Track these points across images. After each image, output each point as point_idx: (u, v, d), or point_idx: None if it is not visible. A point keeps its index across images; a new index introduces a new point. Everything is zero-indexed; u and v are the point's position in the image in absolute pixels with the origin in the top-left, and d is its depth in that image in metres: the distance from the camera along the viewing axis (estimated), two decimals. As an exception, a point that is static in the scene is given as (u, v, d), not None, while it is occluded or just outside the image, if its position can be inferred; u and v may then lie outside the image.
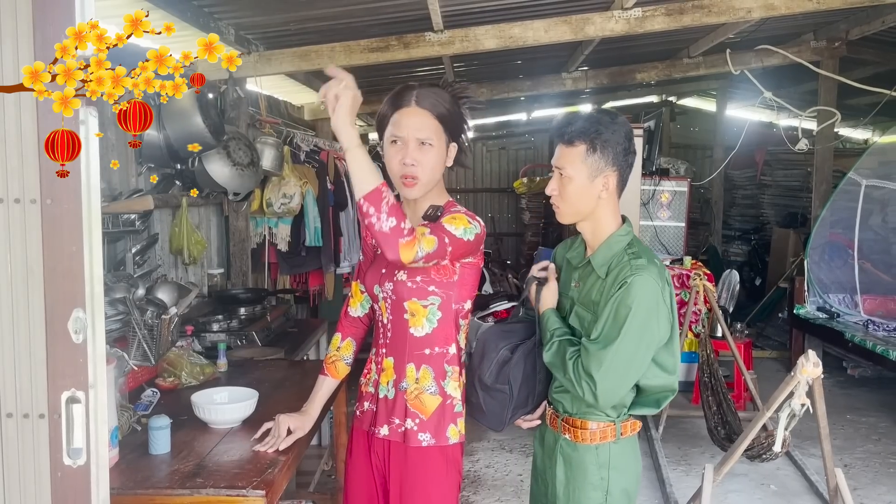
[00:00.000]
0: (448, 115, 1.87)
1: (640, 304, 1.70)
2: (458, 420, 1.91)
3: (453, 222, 1.81)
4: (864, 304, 5.94)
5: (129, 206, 2.96)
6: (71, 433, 1.26)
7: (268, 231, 4.92)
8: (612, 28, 4.28)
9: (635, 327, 1.70)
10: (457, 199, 2.04)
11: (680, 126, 11.13)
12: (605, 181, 1.81)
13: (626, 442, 1.85)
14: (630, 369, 1.74)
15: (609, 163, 1.80)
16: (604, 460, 1.82)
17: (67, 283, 1.25)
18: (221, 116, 3.71)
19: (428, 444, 1.87)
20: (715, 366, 4.33)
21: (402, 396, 1.90)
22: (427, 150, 1.84)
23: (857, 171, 6.16)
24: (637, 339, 1.71)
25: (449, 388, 1.90)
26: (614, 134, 1.79)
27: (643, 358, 1.74)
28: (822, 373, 2.69)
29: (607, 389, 1.72)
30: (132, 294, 2.63)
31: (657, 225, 6.86)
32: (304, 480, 3.52)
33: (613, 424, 1.83)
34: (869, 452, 4.60)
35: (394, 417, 1.90)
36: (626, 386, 1.76)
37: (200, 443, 2.09)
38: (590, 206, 1.84)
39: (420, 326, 1.88)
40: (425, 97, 1.85)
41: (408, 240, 1.66)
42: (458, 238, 1.79)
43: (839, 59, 6.39)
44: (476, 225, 1.85)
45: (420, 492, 1.87)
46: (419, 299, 1.87)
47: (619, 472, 1.83)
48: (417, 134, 1.83)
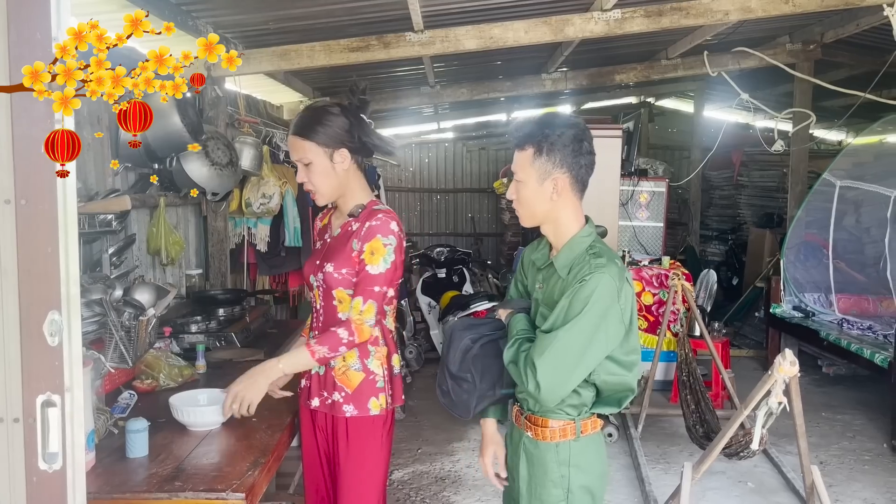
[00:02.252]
0: (312, 131, 2.09)
1: (595, 300, 1.71)
2: (381, 394, 2.13)
3: (372, 260, 2.06)
4: (839, 303, 6.03)
5: (105, 207, 2.92)
6: (46, 437, 1.23)
7: (247, 231, 4.89)
8: (592, 29, 4.31)
9: (586, 322, 1.71)
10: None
11: (658, 127, 11.22)
12: (555, 183, 1.82)
13: (587, 440, 1.85)
14: (576, 363, 1.72)
15: (557, 165, 1.81)
16: (564, 458, 1.84)
17: (43, 284, 1.23)
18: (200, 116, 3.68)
19: (352, 415, 2.11)
20: (693, 365, 4.37)
21: (331, 373, 2.14)
22: (310, 168, 2.11)
23: (831, 172, 6.25)
24: (587, 335, 1.71)
25: (372, 366, 2.13)
26: (561, 136, 1.80)
27: (592, 355, 1.74)
28: (798, 371, 2.73)
29: (548, 378, 1.71)
30: (109, 295, 2.59)
31: (636, 225, 6.91)
32: (283, 482, 3.50)
33: (573, 422, 1.84)
34: (844, 450, 4.67)
35: (323, 391, 2.16)
36: (569, 379, 1.74)
37: (179, 446, 2.07)
38: (544, 208, 1.86)
39: (347, 311, 2.10)
40: (296, 123, 2.13)
41: (353, 339, 2.04)
42: (383, 274, 2.06)
43: (814, 62, 6.48)
44: (392, 239, 2.07)
45: (353, 457, 2.12)
46: (345, 288, 2.11)
47: (580, 470, 1.84)
48: (297, 157, 2.13)
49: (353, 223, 2.15)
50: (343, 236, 2.16)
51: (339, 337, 2.04)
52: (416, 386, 5.92)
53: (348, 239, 2.12)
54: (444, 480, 4.16)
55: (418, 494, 3.99)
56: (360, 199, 2.19)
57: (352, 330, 2.04)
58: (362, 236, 2.08)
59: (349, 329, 2.04)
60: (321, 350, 2.04)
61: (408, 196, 11.31)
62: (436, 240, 10.33)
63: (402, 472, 4.27)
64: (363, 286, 2.07)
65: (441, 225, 11.38)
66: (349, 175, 2.16)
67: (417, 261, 7.39)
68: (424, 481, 4.16)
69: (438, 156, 11.27)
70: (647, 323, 5.75)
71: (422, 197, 11.33)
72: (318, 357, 2.05)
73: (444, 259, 7.05)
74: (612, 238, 5.32)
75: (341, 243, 2.14)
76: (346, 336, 2.04)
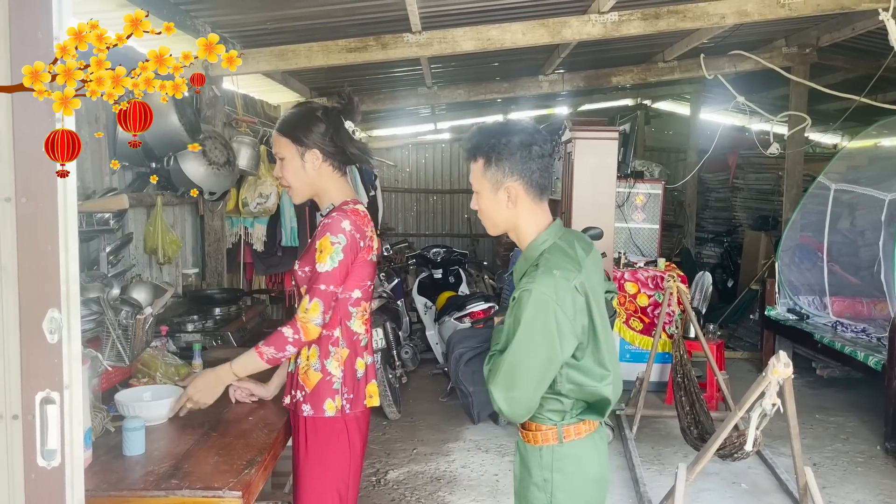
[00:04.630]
0: (289, 127, 2.16)
1: (529, 316, 1.68)
2: (336, 396, 2.12)
3: (320, 258, 2.07)
4: (833, 305, 6.05)
5: (103, 205, 2.92)
6: (45, 434, 1.24)
7: (243, 231, 4.89)
8: (589, 31, 4.33)
9: (526, 339, 1.68)
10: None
11: (654, 129, 11.25)
12: (508, 192, 1.80)
13: (571, 446, 1.82)
14: (527, 381, 1.70)
15: (507, 173, 1.79)
16: (546, 462, 1.82)
17: (42, 282, 1.23)
18: (197, 115, 3.68)
19: (308, 415, 2.12)
20: (688, 366, 4.39)
21: (297, 371, 2.17)
22: (283, 163, 2.18)
23: (826, 175, 6.27)
24: (531, 352, 1.69)
25: (330, 367, 2.13)
26: (508, 144, 1.78)
27: (541, 369, 1.71)
28: (792, 373, 2.74)
29: (505, 401, 1.71)
30: (106, 294, 2.59)
31: (632, 227, 6.93)
32: (279, 481, 3.50)
33: (555, 428, 1.81)
34: (837, 451, 4.69)
35: (292, 389, 2.18)
36: (525, 396, 1.72)
37: (176, 444, 2.07)
38: (503, 216, 1.85)
39: None
40: (280, 118, 2.21)
41: (298, 337, 2.05)
42: (329, 272, 2.06)
43: (810, 65, 6.52)
44: (341, 238, 2.07)
45: (310, 457, 2.13)
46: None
47: (564, 476, 1.82)
48: (274, 150, 2.21)
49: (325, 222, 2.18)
50: (315, 236, 2.18)
51: (284, 336, 2.06)
52: (411, 386, 5.92)
53: (316, 238, 2.15)
54: (439, 480, 4.17)
55: (413, 494, 4.00)
56: (336, 199, 2.20)
57: (297, 328, 2.05)
58: (317, 234, 2.13)
59: (294, 327, 2.06)
60: (268, 351, 2.07)
61: (404, 197, 11.31)
62: (432, 240, 10.34)
63: (398, 472, 4.28)
64: (311, 284, 2.09)
65: (437, 226, 11.39)
66: (322, 176, 2.18)
67: (414, 261, 7.39)
68: (420, 481, 4.16)
69: (435, 156, 11.28)
70: (642, 324, 5.77)
71: (418, 198, 11.34)
72: (266, 358, 2.08)
73: (441, 260, 7.05)
74: (608, 240, 5.33)
75: (312, 243, 2.17)
76: (290, 335, 2.05)
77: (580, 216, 5.38)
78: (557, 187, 6.06)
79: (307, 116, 2.17)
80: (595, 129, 5.67)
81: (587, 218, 5.24)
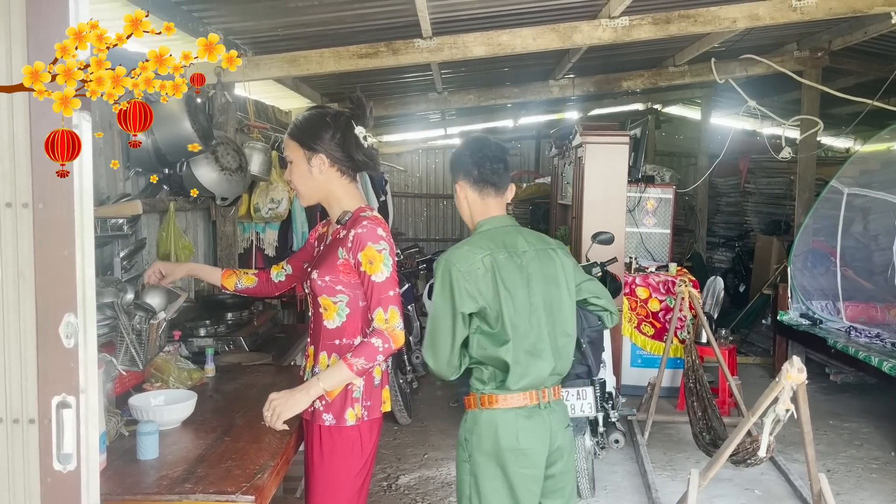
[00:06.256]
0: (298, 131, 2.19)
1: (437, 283, 2.10)
2: (356, 405, 2.14)
3: (372, 269, 2.08)
4: (847, 310, 6.00)
5: (117, 211, 2.94)
6: (61, 438, 1.25)
7: (255, 236, 4.91)
8: (600, 36, 4.32)
9: (437, 302, 2.10)
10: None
11: (665, 134, 11.22)
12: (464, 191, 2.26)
13: (483, 414, 2.11)
14: (444, 337, 2.09)
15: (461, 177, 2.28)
16: (469, 425, 2.15)
17: (59, 287, 1.24)
18: (210, 121, 3.70)
19: (330, 424, 2.12)
20: (700, 372, 4.37)
21: None
22: (292, 167, 2.21)
23: (839, 179, 6.23)
24: (439, 311, 2.10)
25: None
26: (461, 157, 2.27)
27: (443, 330, 2.09)
28: (805, 378, 2.72)
29: (431, 357, 2.12)
30: (120, 299, 2.61)
31: (643, 231, 6.91)
32: (291, 486, 3.51)
33: (474, 395, 2.14)
34: (851, 458, 4.65)
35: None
36: (439, 353, 2.10)
37: (189, 448, 2.08)
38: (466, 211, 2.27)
39: (332, 319, 2.16)
40: (292, 122, 2.24)
41: (389, 346, 2.05)
42: (389, 278, 2.10)
43: (822, 69, 6.48)
44: (383, 244, 2.11)
45: (327, 466, 2.13)
46: (329, 296, 2.15)
47: (477, 439, 2.11)
48: (285, 153, 2.25)
49: (341, 231, 2.17)
50: (332, 244, 2.19)
51: (374, 346, 2.04)
52: (422, 392, 5.92)
53: (335, 247, 2.15)
54: (450, 486, 4.16)
55: (424, 499, 3.99)
56: (348, 206, 2.21)
57: (385, 337, 2.05)
58: (350, 247, 2.10)
59: (382, 337, 2.05)
60: (358, 362, 2.03)
61: (414, 202, 11.33)
62: (442, 245, 10.35)
63: (409, 478, 4.28)
64: (376, 297, 2.08)
65: (447, 230, 11.39)
66: (330, 181, 2.19)
67: (424, 266, 7.39)
68: (430, 486, 4.16)
69: (445, 161, 11.28)
70: (653, 329, 5.75)
71: (428, 202, 11.35)
72: (356, 369, 2.04)
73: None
74: (619, 244, 5.31)
75: (329, 251, 2.17)
76: (380, 344, 2.04)
77: (591, 221, 5.37)
78: (568, 192, 6.05)
79: (316, 121, 2.18)
80: (605, 133, 5.66)
81: (598, 222, 5.22)
